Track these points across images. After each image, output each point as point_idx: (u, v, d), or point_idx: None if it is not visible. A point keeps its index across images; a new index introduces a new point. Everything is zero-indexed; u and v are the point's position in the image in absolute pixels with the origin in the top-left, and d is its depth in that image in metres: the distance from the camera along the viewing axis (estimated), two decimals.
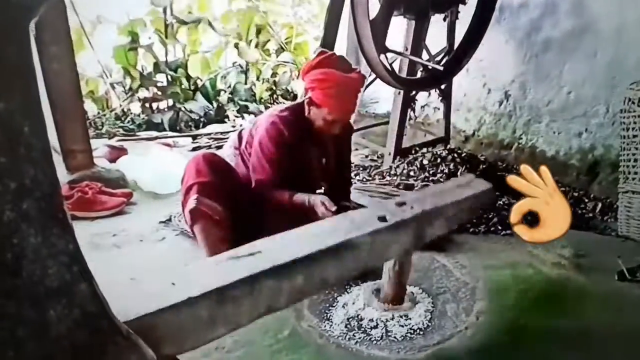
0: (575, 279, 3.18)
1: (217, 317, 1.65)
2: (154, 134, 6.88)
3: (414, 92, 5.09)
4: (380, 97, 7.15)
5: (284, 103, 7.93)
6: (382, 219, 2.30)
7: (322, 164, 3.53)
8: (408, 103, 5.06)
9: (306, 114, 3.30)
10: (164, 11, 7.82)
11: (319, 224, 2.35)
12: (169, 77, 7.83)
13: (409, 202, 2.53)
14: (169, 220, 3.88)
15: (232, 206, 3.17)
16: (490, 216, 4.01)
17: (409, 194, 3.39)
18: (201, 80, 8.31)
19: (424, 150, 5.15)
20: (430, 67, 4.87)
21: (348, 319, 2.75)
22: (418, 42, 4.75)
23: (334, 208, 3.06)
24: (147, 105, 7.81)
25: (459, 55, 4.93)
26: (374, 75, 4.86)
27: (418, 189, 4.29)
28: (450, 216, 2.67)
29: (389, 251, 2.41)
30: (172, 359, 1.64)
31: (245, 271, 1.73)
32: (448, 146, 5.39)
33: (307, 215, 3.10)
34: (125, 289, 1.65)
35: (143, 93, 7.85)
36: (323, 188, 3.63)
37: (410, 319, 2.73)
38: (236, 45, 8.51)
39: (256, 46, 8.74)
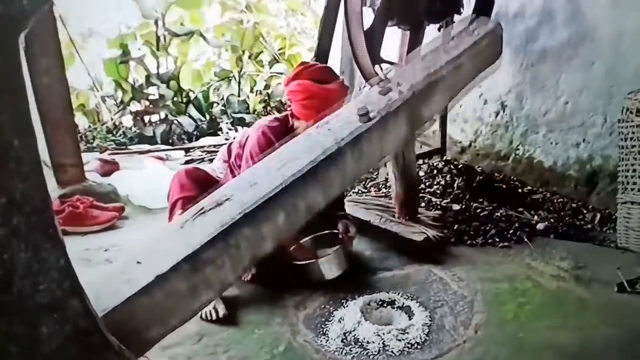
0: (574, 291, 3.13)
1: (198, 284, 1.58)
2: (146, 147, 6.85)
3: None
4: None
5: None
6: (364, 116, 2.08)
7: None
8: None
9: (289, 125, 3.28)
10: (156, 23, 7.78)
11: (289, 144, 2.15)
12: (160, 89, 7.78)
13: (394, 80, 2.29)
14: None
15: None
16: (487, 228, 3.98)
17: (393, 68, 2.86)
18: (193, 92, 8.27)
19: (420, 161, 5.11)
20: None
21: (344, 333, 2.71)
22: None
23: None
24: (138, 118, 7.77)
25: None
26: (368, 87, 4.82)
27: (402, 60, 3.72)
28: (450, 83, 2.41)
29: (382, 150, 2.18)
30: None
31: (215, 227, 1.63)
32: (444, 157, 5.38)
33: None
34: (100, 284, 1.58)
35: (135, 106, 7.81)
36: None
37: (407, 333, 2.69)
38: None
39: (249, 57, 8.71)
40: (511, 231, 3.94)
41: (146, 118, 7.89)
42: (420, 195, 4.45)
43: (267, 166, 1.94)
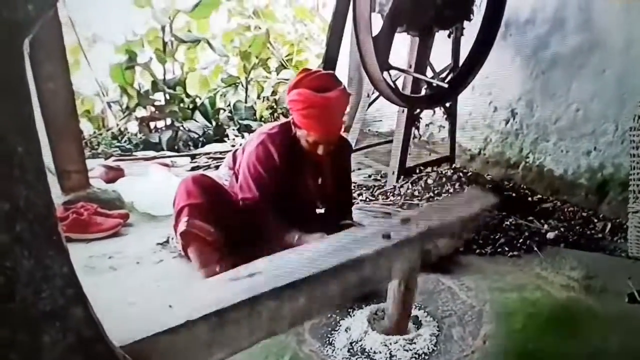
0: (584, 301, 3.11)
1: (216, 340, 1.61)
2: (152, 153, 6.83)
3: (418, 110, 5.03)
4: (384, 115, 7.12)
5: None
6: (387, 236, 2.28)
7: (317, 183, 3.51)
8: (412, 121, 4.99)
9: (292, 134, 3.26)
10: (163, 29, 7.79)
11: (321, 243, 2.32)
12: (167, 95, 7.77)
13: (414, 218, 2.50)
14: (167, 242, 3.81)
15: (224, 226, 3.17)
16: (497, 237, 3.93)
17: (413, 210, 3.28)
18: (200, 98, 8.27)
19: (429, 169, 5.09)
20: (434, 85, 4.82)
21: (351, 343, 2.68)
22: (422, 59, 4.70)
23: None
24: (144, 124, 7.76)
25: (464, 73, 4.88)
26: (377, 93, 4.80)
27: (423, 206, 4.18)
28: (457, 232, 2.66)
29: (393, 269, 2.36)
30: None
31: (245, 293, 1.69)
32: (453, 165, 5.34)
33: None
34: (121, 312, 1.63)
35: (140, 112, 7.81)
36: (322, 208, 3.63)
37: (415, 343, 2.65)
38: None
39: (257, 64, 8.70)
40: (521, 240, 3.90)
41: (152, 124, 7.89)
42: (429, 203, 4.41)
43: (299, 255, 2.12)
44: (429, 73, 4.89)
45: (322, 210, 3.65)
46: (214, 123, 8.06)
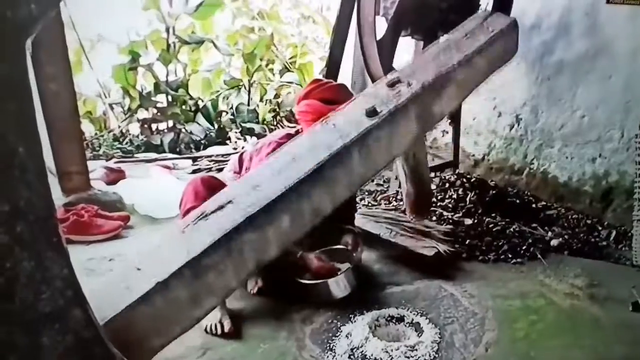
0: (588, 309, 3.10)
1: (199, 291, 1.56)
2: (153, 155, 6.82)
3: None
4: None
5: (288, 125, 7.90)
6: (372, 112, 2.01)
7: None
8: None
9: None
10: (167, 31, 7.78)
11: (293, 144, 2.08)
12: (169, 97, 7.76)
13: (404, 77, 2.20)
14: None
15: None
16: (500, 244, 3.93)
17: (403, 67, 2.66)
18: (202, 100, 8.25)
19: (432, 174, 5.06)
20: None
21: (352, 349, 2.67)
22: None
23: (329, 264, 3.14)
24: (146, 126, 7.75)
25: None
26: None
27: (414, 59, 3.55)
28: (463, 80, 2.34)
29: (390, 150, 2.11)
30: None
31: (218, 231, 1.60)
32: (457, 171, 5.33)
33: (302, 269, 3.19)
34: (100, 292, 1.57)
35: (142, 114, 7.79)
36: None
37: (416, 350, 2.65)
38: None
39: (263, 66, 8.68)
40: (524, 247, 3.89)
41: (154, 126, 7.89)
42: (432, 208, 4.39)
43: (271, 168, 1.88)
44: None
45: None
46: (216, 125, 8.05)
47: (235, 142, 7.61)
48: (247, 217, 1.62)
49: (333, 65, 5.19)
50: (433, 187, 4.83)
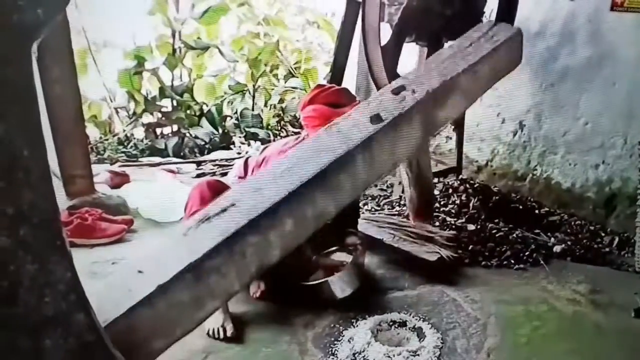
0: (590, 315, 3.11)
1: (201, 293, 1.56)
2: (158, 159, 6.82)
3: None
4: None
5: (292, 130, 7.91)
6: (376, 118, 2.04)
7: None
8: None
9: None
10: (173, 36, 7.80)
11: (298, 148, 2.09)
12: (174, 101, 7.78)
13: (408, 84, 2.23)
14: None
15: None
16: (503, 250, 3.94)
17: (407, 74, 2.71)
18: (207, 105, 8.26)
19: (435, 180, 5.06)
20: None
21: (354, 354, 2.67)
22: None
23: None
24: (150, 130, 7.77)
25: None
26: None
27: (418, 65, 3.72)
28: (467, 88, 2.37)
29: (394, 155, 2.13)
30: None
31: (221, 234, 1.61)
32: (460, 176, 5.33)
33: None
34: (102, 295, 1.56)
35: (147, 118, 7.81)
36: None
37: (418, 355, 2.66)
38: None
39: (268, 71, 8.69)
40: (527, 253, 3.90)
41: (158, 130, 7.89)
42: (435, 214, 4.40)
43: (274, 171, 1.89)
44: None
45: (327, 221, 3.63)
46: (220, 130, 8.06)
47: (239, 146, 7.61)
48: (250, 221, 1.63)
49: (337, 71, 5.21)
50: (436, 192, 4.84)
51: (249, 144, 7.56)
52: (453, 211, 4.56)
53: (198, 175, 6.04)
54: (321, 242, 3.22)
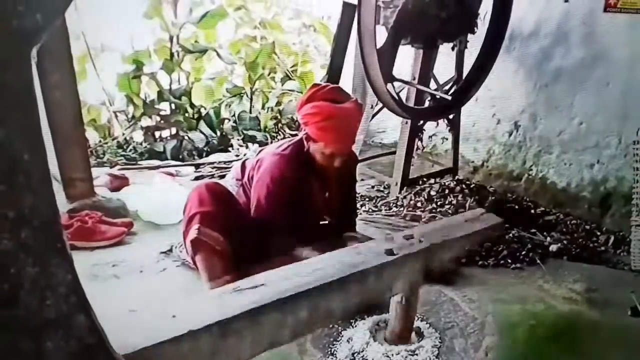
0: (587, 314, 3.11)
1: (219, 350, 1.64)
2: (156, 162, 6.83)
3: (421, 122, 5.04)
4: (387, 127, 7.12)
5: (289, 132, 7.92)
6: (390, 252, 2.32)
7: (324, 196, 3.50)
8: (415, 133, 5.01)
9: (305, 149, 3.26)
10: (170, 40, 7.82)
11: (324, 255, 2.34)
12: (172, 105, 7.80)
13: (417, 235, 2.54)
14: (170, 250, 3.80)
15: (234, 236, 3.13)
16: (499, 249, 3.93)
17: (417, 227, 3.32)
18: (205, 108, 8.28)
19: (432, 181, 5.10)
20: (438, 97, 4.83)
21: (353, 354, 2.68)
22: (426, 71, 4.72)
23: None
24: (149, 133, 7.78)
25: (467, 85, 4.88)
26: (380, 105, 4.82)
27: (426, 222, 4.21)
28: (459, 249, 2.77)
29: (395, 284, 2.40)
30: None
31: (248, 304, 1.72)
32: (456, 177, 5.34)
33: None
34: (124, 320, 1.64)
35: (146, 121, 7.82)
36: (327, 220, 3.59)
37: (417, 354, 2.67)
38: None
39: (263, 74, 8.71)
40: (523, 252, 3.89)
41: (157, 133, 7.91)
42: (432, 215, 4.42)
43: (303, 266, 2.16)
44: (433, 85, 4.90)
45: (325, 222, 3.64)
46: (218, 133, 8.08)
47: (238, 149, 7.63)
48: (274, 300, 1.79)
49: (334, 73, 5.24)
50: (433, 193, 4.86)
51: (247, 147, 7.57)
52: (450, 211, 4.57)
53: (197, 178, 6.05)
54: (321, 244, 3.23)
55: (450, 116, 5.20)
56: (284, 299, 1.81)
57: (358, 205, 4.73)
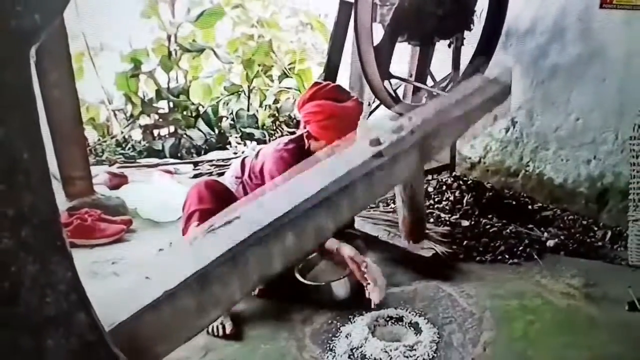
0: (584, 309, 3.11)
1: (205, 301, 1.58)
2: (155, 160, 6.85)
3: None
4: None
5: (287, 130, 7.93)
6: (378, 154, 2.13)
7: None
8: None
9: (306, 147, 3.27)
10: (168, 39, 7.83)
11: (302, 174, 2.16)
12: (170, 103, 7.81)
13: (407, 127, 2.36)
14: None
15: None
16: (497, 245, 3.95)
17: (407, 115, 2.88)
18: (203, 106, 8.29)
19: (429, 177, 5.10)
20: (435, 94, 4.83)
21: (351, 349, 2.69)
22: (423, 69, 4.70)
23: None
24: (148, 131, 7.79)
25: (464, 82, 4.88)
26: (377, 102, 4.82)
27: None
28: (458, 128, 2.64)
29: (391, 179, 2.28)
30: None
31: (225, 244, 1.64)
32: (453, 173, 5.35)
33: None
34: (105, 297, 1.54)
35: (144, 120, 7.83)
36: None
37: (415, 350, 2.67)
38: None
39: (262, 72, 8.72)
40: (521, 248, 3.91)
41: (155, 132, 7.92)
42: (429, 211, 4.43)
43: (278, 190, 1.99)
44: (430, 82, 4.90)
45: None
46: (216, 131, 8.08)
47: (236, 146, 7.64)
48: (253, 233, 1.67)
49: (331, 71, 5.25)
50: (430, 189, 4.86)
51: (245, 144, 7.59)
52: (447, 208, 4.59)
53: (195, 176, 6.07)
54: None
55: None
56: (262, 229, 1.69)
57: None
